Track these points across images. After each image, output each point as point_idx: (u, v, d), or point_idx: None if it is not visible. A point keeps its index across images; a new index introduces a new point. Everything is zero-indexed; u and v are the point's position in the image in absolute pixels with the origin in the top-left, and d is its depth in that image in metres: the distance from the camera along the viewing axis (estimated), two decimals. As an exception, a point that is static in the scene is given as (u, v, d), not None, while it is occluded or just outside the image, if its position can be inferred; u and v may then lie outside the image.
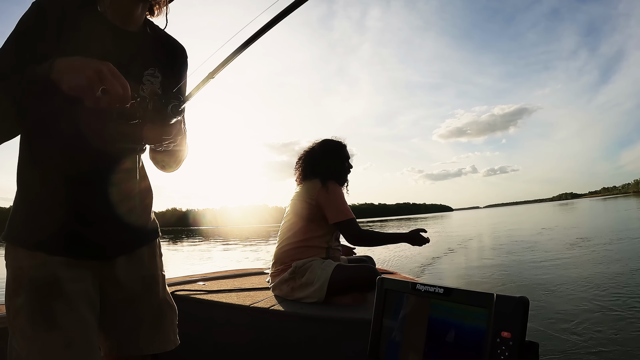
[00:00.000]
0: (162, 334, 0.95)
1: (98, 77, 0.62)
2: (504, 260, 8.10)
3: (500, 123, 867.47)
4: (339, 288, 1.72)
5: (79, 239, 0.82)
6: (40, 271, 0.79)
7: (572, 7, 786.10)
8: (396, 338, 0.70)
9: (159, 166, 0.98)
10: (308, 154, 2.05)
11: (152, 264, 0.96)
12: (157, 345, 0.94)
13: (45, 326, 0.77)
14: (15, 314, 0.79)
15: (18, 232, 0.81)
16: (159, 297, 0.96)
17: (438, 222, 38.73)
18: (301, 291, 1.76)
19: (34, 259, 0.79)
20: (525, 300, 0.56)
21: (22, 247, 0.80)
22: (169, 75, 0.93)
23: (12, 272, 0.80)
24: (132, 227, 0.91)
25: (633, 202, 43.54)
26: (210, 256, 12.29)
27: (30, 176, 0.82)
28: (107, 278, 0.88)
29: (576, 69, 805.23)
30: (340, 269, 1.76)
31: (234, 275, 2.42)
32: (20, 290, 0.78)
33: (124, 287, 0.90)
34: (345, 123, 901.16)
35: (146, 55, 0.88)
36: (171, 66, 0.94)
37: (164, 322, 0.96)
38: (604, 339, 3.13)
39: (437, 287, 0.65)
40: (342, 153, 2.04)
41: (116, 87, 0.63)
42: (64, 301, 0.79)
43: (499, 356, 0.56)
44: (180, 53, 0.97)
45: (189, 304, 1.75)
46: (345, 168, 2.05)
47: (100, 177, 0.84)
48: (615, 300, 4.28)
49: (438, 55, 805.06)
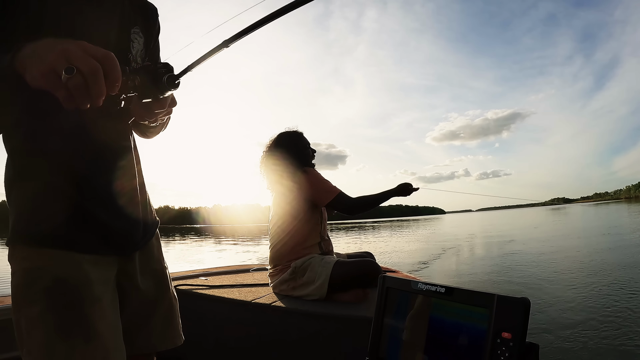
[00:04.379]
0: (173, 329, 0.91)
1: (64, 56, 0.45)
2: (504, 260, 8.09)
3: (493, 127, 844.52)
4: (340, 284, 1.72)
5: (104, 230, 0.75)
6: (71, 271, 0.69)
7: (568, 12, 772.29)
8: (397, 336, 0.70)
9: (143, 135, 0.91)
10: (268, 152, 2.02)
11: (160, 257, 0.93)
12: (168, 341, 0.90)
13: (84, 336, 0.67)
14: (32, 327, 0.66)
15: (34, 229, 0.70)
16: (169, 290, 0.92)
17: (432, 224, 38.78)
18: (302, 290, 1.76)
19: (62, 258, 0.69)
20: (527, 301, 0.56)
21: (43, 245, 0.69)
22: (149, 36, 0.86)
23: (25, 276, 0.68)
24: (144, 220, 0.86)
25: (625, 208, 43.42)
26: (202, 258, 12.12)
27: (33, 167, 0.72)
28: (125, 274, 0.82)
29: (571, 75, 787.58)
30: (340, 265, 1.77)
31: (236, 271, 2.43)
32: (41, 297, 0.67)
33: (139, 282, 0.85)
34: (339, 124, 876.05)
35: (129, 12, 0.81)
36: (150, 25, 0.88)
37: (174, 317, 0.92)
38: (604, 341, 3.12)
39: (439, 286, 0.65)
40: (301, 142, 2.02)
41: (88, 63, 0.45)
42: (98, 305, 0.70)
43: (499, 357, 0.56)
44: (155, 13, 0.90)
45: (190, 298, 1.76)
46: (309, 154, 2.03)
47: (106, 171, 0.78)
48: (617, 302, 4.26)
49: (433, 57, 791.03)
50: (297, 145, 2.00)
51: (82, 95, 0.45)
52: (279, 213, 1.96)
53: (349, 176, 51.57)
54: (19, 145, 0.72)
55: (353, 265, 1.79)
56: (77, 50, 0.46)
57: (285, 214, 1.93)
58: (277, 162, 1.96)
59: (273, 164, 1.97)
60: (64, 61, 0.45)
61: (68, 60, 0.45)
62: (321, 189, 1.89)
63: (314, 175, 1.91)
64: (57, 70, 0.45)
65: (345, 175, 59.96)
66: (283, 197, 1.94)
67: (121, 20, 0.79)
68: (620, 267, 6.37)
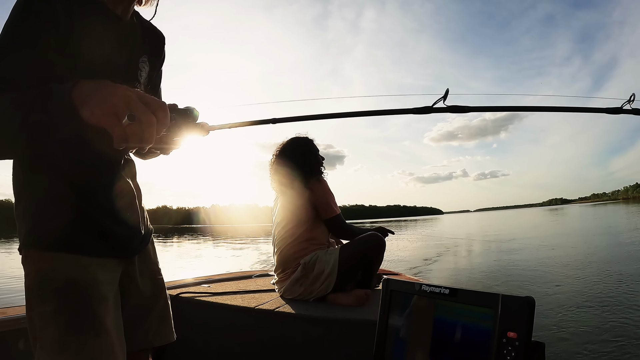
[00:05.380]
0: (167, 327, 0.98)
1: (125, 103, 0.51)
2: (506, 260, 8.08)
3: (491, 128, 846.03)
4: (349, 264, 1.77)
5: (110, 236, 0.81)
6: (81, 273, 0.75)
7: (567, 13, 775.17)
8: (402, 339, 0.69)
9: (139, 156, 0.97)
10: (281, 155, 2.04)
11: (155, 260, 1.00)
12: (163, 337, 0.96)
13: (94, 331, 0.73)
14: (45, 323, 0.71)
15: (45, 235, 0.75)
16: (164, 290, 0.99)
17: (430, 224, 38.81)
18: (315, 284, 1.78)
19: (73, 261, 0.75)
20: (532, 300, 0.56)
21: (55, 249, 0.75)
22: (154, 64, 0.93)
23: (38, 277, 0.74)
24: (143, 223, 0.93)
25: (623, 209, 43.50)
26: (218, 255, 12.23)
27: (40, 175, 0.77)
28: (127, 276, 0.88)
29: (569, 76, 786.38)
30: (345, 247, 1.84)
31: (238, 277, 2.42)
32: (53, 296, 0.72)
33: (139, 284, 0.91)
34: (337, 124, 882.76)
35: (140, 42, 0.88)
36: (156, 55, 0.94)
37: (168, 315, 0.99)
38: (610, 339, 3.11)
39: (443, 287, 0.65)
40: (314, 148, 2.07)
41: (146, 114, 0.51)
42: (105, 304, 0.77)
43: (505, 356, 0.56)
44: (163, 42, 0.97)
45: (193, 306, 1.76)
46: (320, 162, 2.07)
47: (108, 180, 0.84)
48: (622, 300, 4.25)
49: (432, 58, 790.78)
50: (311, 152, 2.05)
51: (136, 140, 0.51)
52: (288, 217, 1.97)
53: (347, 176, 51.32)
54: (25, 157, 0.77)
55: (358, 242, 1.85)
56: (137, 100, 0.52)
57: (294, 218, 1.94)
58: (290, 166, 1.98)
59: (286, 167, 2.00)
60: (125, 107, 0.50)
61: (129, 108, 0.51)
62: (327, 203, 1.95)
63: (326, 186, 1.98)
64: (119, 115, 0.50)
65: (344, 175, 60.30)
66: (293, 201, 1.96)
67: (132, 49, 0.85)
68: (623, 265, 6.37)
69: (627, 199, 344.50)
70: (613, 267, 6.24)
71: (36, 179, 0.77)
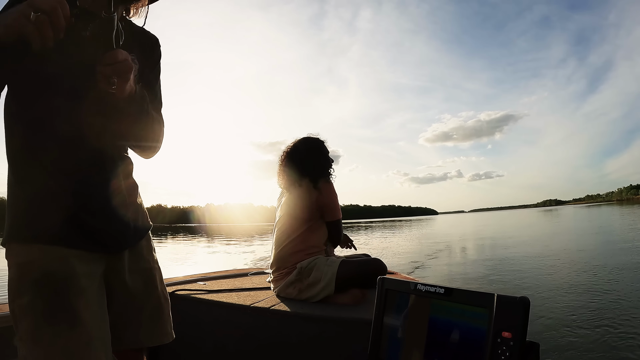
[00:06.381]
0: (161, 327, 0.96)
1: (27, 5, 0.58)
2: (500, 259, 8.12)
3: (486, 129, 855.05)
4: (346, 282, 1.74)
5: (93, 231, 0.81)
6: (58, 265, 0.75)
7: (563, 15, 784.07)
8: (397, 338, 0.70)
9: (142, 153, 0.97)
10: (293, 153, 2.04)
11: (149, 257, 0.98)
12: (156, 337, 0.95)
13: (68, 323, 0.73)
14: (22, 315, 0.73)
15: (26, 228, 0.77)
16: (157, 290, 0.97)
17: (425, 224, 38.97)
18: (309, 291, 1.76)
19: (50, 253, 0.75)
20: (526, 300, 0.56)
21: (33, 242, 0.76)
22: (144, 64, 0.92)
23: (17, 270, 0.75)
24: (134, 220, 0.92)
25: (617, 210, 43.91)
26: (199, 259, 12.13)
27: (30, 172, 0.79)
28: (113, 271, 0.88)
29: (564, 78, 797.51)
30: (345, 263, 1.80)
31: (234, 275, 2.42)
32: (30, 288, 0.73)
33: (127, 280, 0.90)
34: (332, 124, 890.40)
35: (127, 41, 0.86)
36: (147, 57, 0.94)
37: (162, 315, 0.97)
38: (605, 339, 3.14)
39: (438, 287, 0.65)
40: (324, 149, 2.08)
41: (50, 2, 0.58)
42: (83, 296, 0.76)
43: (499, 356, 0.56)
44: (154, 43, 0.97)
45: (189, 303, 1.75)
46: (330, 163, 2.08)
47: (98, 173, 0.84)
48: (616, 300, 4.29)
49: (427, 58, 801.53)
50: (323, 152, 2.05)
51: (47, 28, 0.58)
52: (291, 215, 1.96)
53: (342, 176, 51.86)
54: (17, 153, 0.79)
55: (359, 263, 1.82)
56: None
57: (297, 217, 1.93)
58: (301, 164, 1.98)
59: (297, 164, 1.99)
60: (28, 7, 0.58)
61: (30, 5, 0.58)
62: (332, 206, 1.95)
63: (334, 189, 1.98)
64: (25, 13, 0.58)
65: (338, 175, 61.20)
66: (299, 200, 1.95)
67: None
68: (616, 265, 6.43)
69: (621, 200, 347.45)
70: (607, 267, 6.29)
71: (22, 174, 0.79)
